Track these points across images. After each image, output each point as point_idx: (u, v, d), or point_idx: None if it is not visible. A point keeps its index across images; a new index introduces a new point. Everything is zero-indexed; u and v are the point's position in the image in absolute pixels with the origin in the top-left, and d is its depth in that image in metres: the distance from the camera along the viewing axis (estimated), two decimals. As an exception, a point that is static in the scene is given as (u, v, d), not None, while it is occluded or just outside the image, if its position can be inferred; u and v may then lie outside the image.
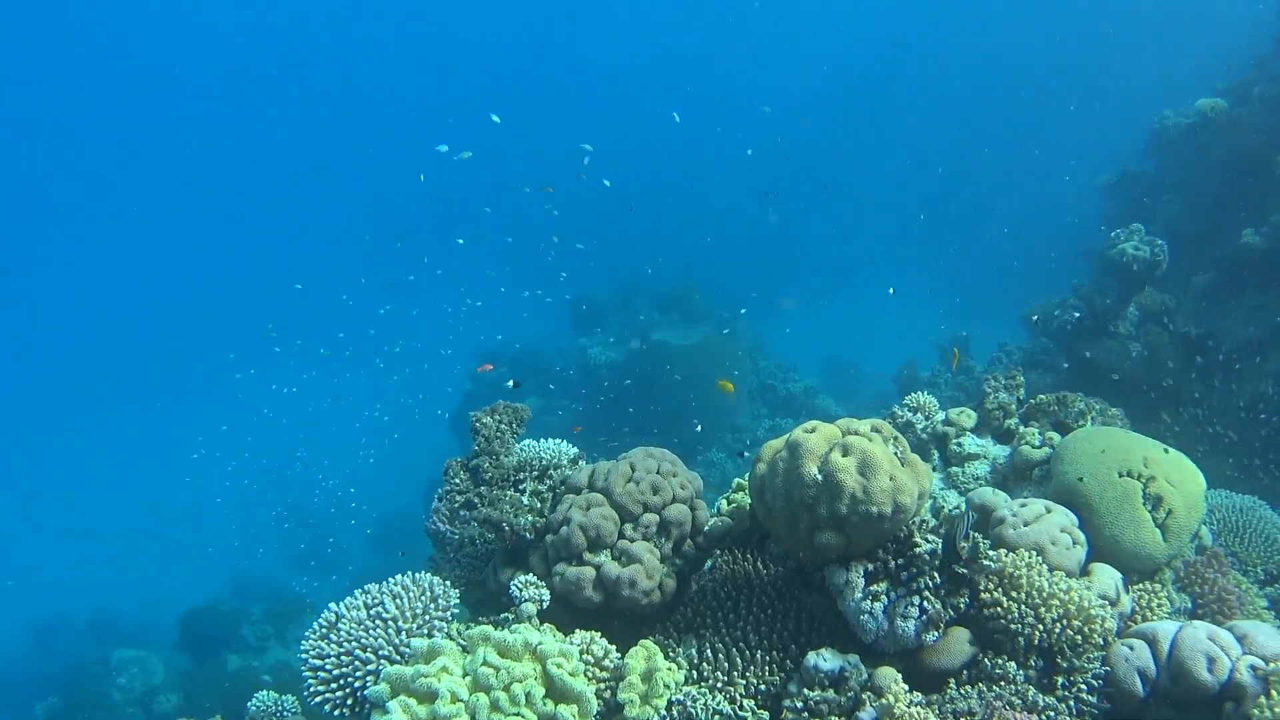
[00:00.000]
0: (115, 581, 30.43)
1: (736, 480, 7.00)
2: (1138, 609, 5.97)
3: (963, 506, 6.62)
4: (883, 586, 5.36)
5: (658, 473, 6.16)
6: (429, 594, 6.03)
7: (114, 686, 20.51)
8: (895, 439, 5.46)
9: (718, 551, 6.49)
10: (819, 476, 5.19)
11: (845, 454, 5.19)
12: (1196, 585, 6.50)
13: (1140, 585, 6.15)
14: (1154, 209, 16.16)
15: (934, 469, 7.61)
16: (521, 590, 5.90)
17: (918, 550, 5.37)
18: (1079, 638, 5.32)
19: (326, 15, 60.29)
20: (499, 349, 25.37)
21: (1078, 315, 13.34)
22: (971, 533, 5.51)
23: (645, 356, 21.80)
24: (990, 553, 5.52)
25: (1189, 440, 11.85)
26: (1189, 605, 6.42)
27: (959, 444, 7.53)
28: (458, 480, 6.57)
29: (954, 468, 7.46)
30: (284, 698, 7.42)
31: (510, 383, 16.76)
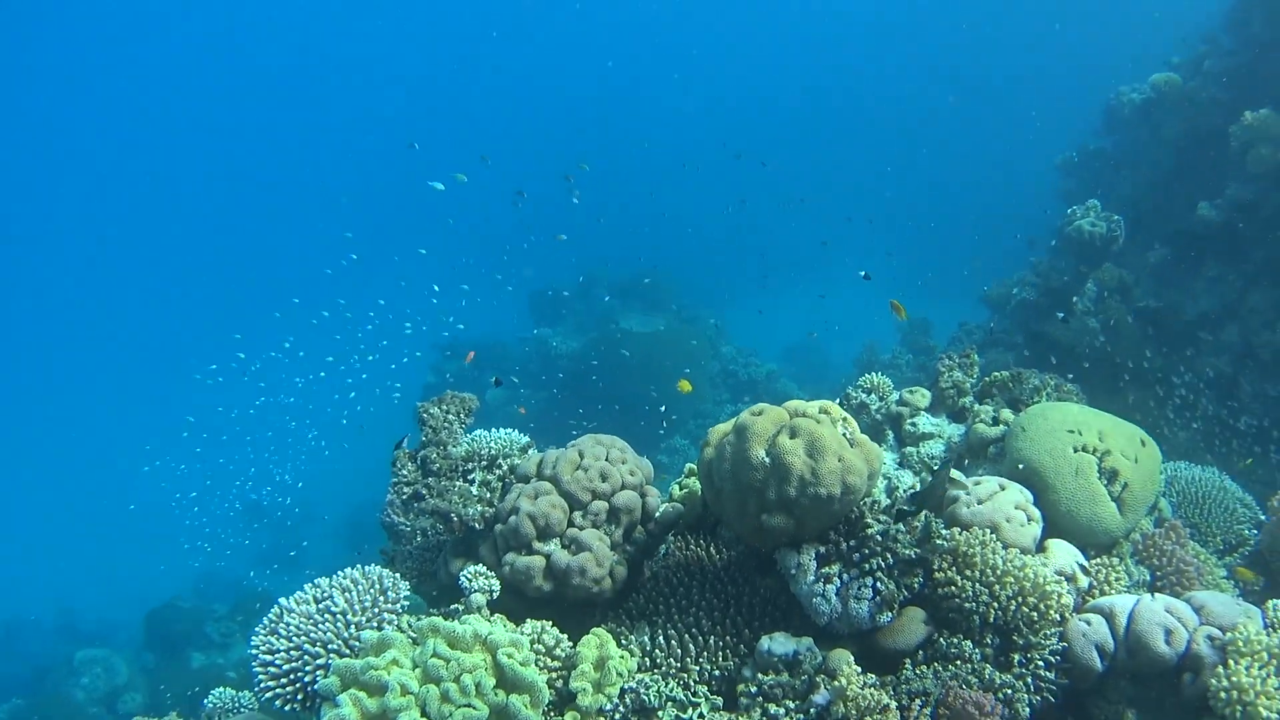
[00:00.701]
0: (79, 581, 30.13)
1: (689, 465, 6.92)
2: (1095, 583, 5.92)
3: (917, 486, 6.56)
4: (835, 569, 5.28)
5: (606, 459, 6.06)
6: (378, 586, 5.91)
7: (78, 686, 20.31)
8: (844, 420, 5.38)
9: (670, 537, 6.41)
10: (766, 460, 5.10)
11: (793, 436, 5.10)
12: (1155, 557, 6.45)
13: (1098, 559, 6.09)
14: (1111, 185, 16.18)
15: (889, 449, 7.54)
16: (471, 581, 5.79)
17: (869, 531, 5.29)
18: (1034, 614, 5.26)
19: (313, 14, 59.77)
20: (460, 340, 25.20)
21: (1035, 296, 13.34)
22: (925, 514, 5.45)
23: (606, 345, 21.73)
24: (944, 532, 5.46)
25: (1149, 412, 11.87)
26: (1147, 577, 6.38)
27: (913, 424, 7.46)
28: (405, 472, 6.45)
29: (909, 448, 7.39)
30: (240, 694, 7.32)
31: (493, 380, 16.63)
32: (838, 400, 7.89)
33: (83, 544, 33.71)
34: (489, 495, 6.32)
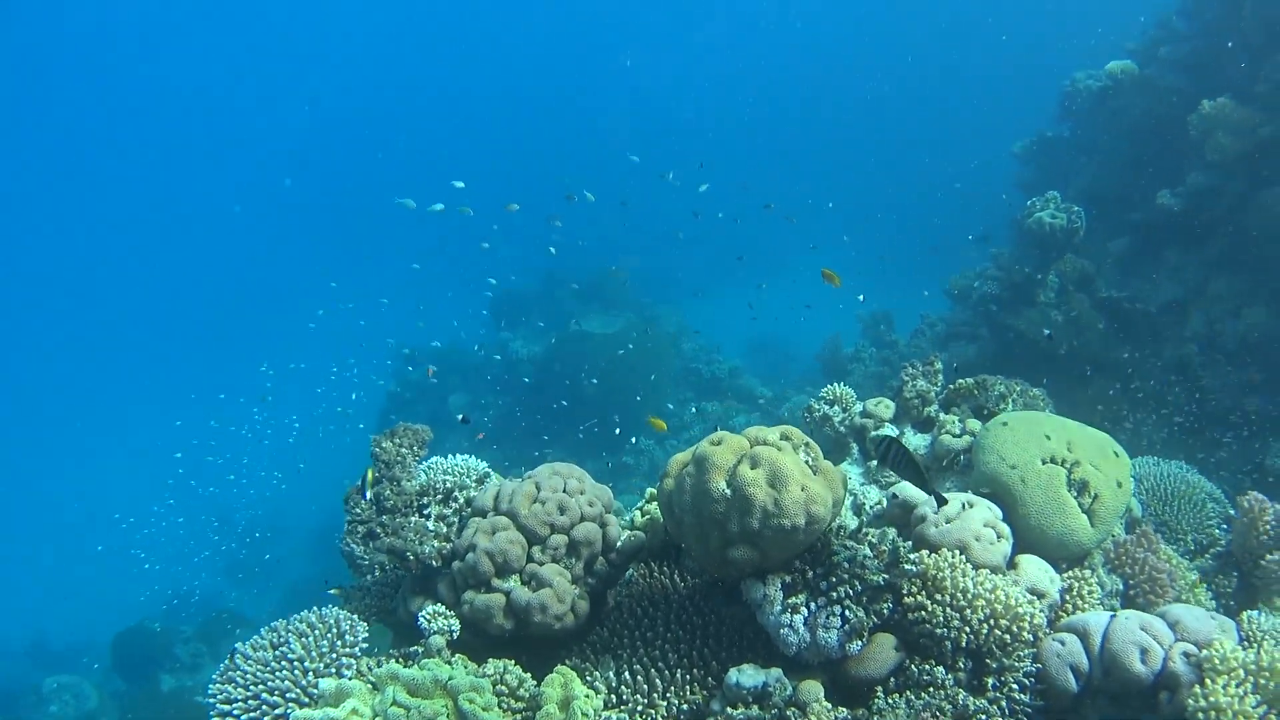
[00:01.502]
0: (48, 605, 29.66)
1: (650, 490, 6.76)
2: (1068, 598, 5.82)
3: (884, 503, 6.42)
4: (802, 598, 5.14)
5: (564, 491, 5.89)
6: (335, 630, 5.73)
7: (46, 715, 19.95)
8: (806, 445, 5.24)
9: (633, 566, 6.25)
10: (728, 491, 4.95)
11: (754, 466, 4.95)
12: (1127, 566, 6.36)
13: (1070, 573, 5.99)
14: (1069, 174, 16.13)
15: (853, 463, 7.41)
16: (430, 622, 5.62)
17: (836, 558, 5.15)
18: (1007, 637, 5.15)
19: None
20: (421, 346, 24.90)
21: (996, 290, 13.25)
22: (892, 538, 5.32)
23: (567, 348, 21.54)
24: (911, 555, 5.33)
25: (1113, 403, 11.82)
26: (1120, 587, 6.29)
27: (878, 437, 7.32)
28: (359, 510, 6.25)
29: (874, 461, 7.26)
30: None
31: (460, 417, 16.34)
32: (803, 412, 7.76)
33: (53, 567, 33.23)
34: (445, 530, 6.13)
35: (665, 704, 5.30)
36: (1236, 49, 12.46)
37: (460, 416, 10.14)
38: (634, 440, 20.02)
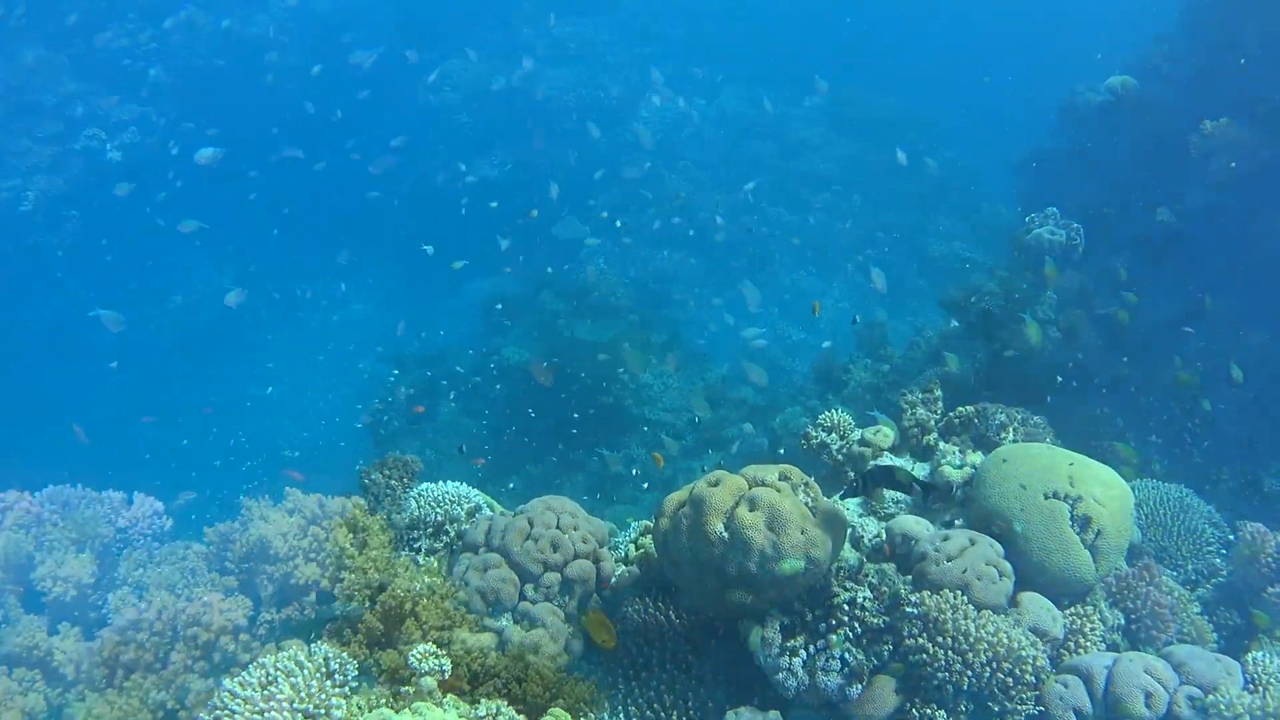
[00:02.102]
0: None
1: (644, 523, 6.62)
2: (1071, 636, 5.71)
3: (883, 535, 6.30)
4: (801, 640, 5.04)
5: (557, 527, 5.77)
6: (324, 669, 5.59)
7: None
8: (806, 485, 5.12)
9: (627, 602, 6.12)
10: (725, 534, 4.84)
11: (753, 508, 4.84)
12: (1129, 599, 6.25)
13: (1072, 609, 5.88)
14: (1067, 188, 16.01)
15: (852, 491, 7.27)
16: (421, 662, 5.49)
17: (836, 600, 5.05)
18: (1010, 680, 5.04)
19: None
20: (411, 354, 24.61)
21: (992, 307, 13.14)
22: (893, 579, 5.21)
23: (558, 354, 21.29)
24: (912, 597, 5.21)
25: (1110, 423, 11.70)
26: (1122, 621, 6.18)
27: (875, 465, 7.18)
28: (346, 545, 6.11)
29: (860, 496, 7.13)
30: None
31: (459, 447, 15.93)
32: (800, 438, 7.63)
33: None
34: (436, 565, 6.00)
35: (660, 747, 5.19)
36: (1237, 69, 12.36)
37: (461, 447, 9.86)
38: (629, 448, 19.79)
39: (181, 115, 15.85)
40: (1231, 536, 7.60)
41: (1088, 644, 5.69)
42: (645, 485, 12.80)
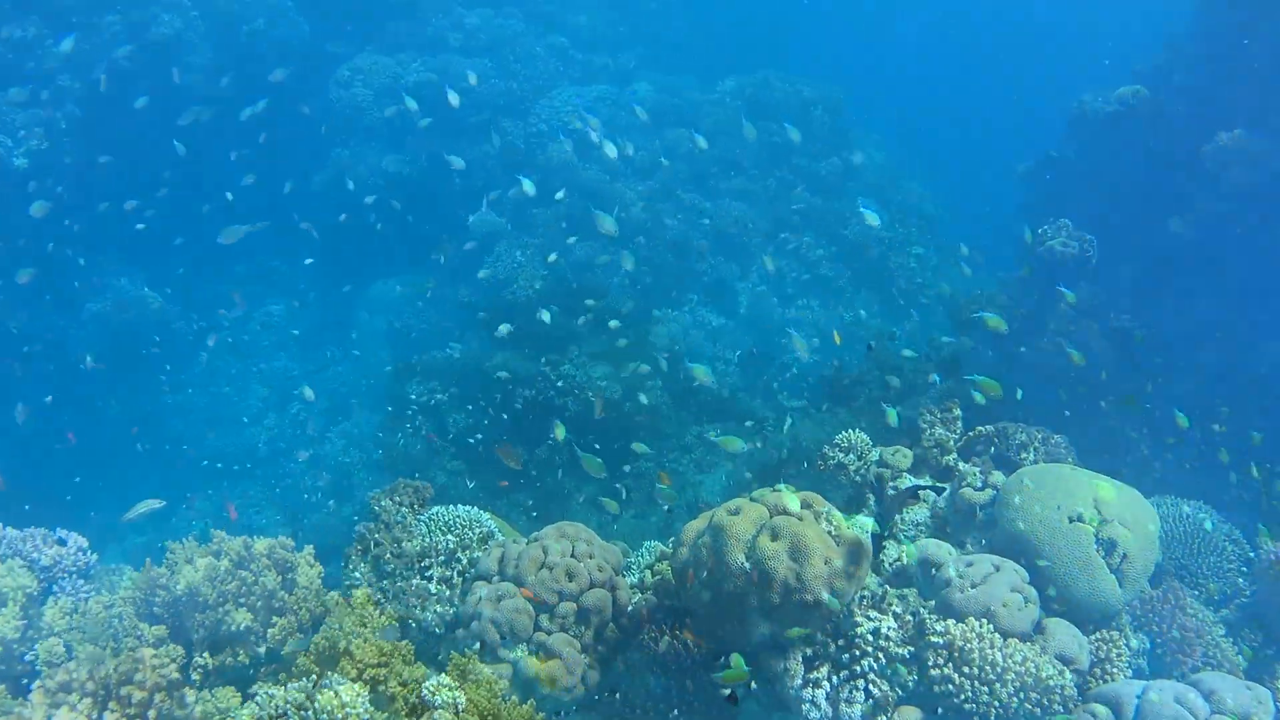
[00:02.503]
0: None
1: (660, 547, 6.49)
2: (1097, 663, 5.59)
3: (904, 559, 6.17)
4: (824, 671, 4.92)
5: (572, 555, 5.64)
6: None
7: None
8: (828, 514, 5.00)
9: (643, 630, 5.98)
10: (747, 565, 4.72)
11: (775, 538, 4.72)
12: (1155, 623, 6.15)
13: (1098, 634, 5.76)
14: (1077, 198, 15.88)
15: (869, 515, 7.14)
16: (434, 695, 5.36)
17: (859, 630, 4.92)
18: (1038, 710, 4.93)
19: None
20: (422, 362, 24.38)
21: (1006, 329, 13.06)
22: (916, 608, 5.09)
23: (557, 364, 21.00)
24: (938, 627, 5.09)
25: (1123, 436, 11.58)
26: (1147, 646, 6.07)
27: (895, 488, 7.04)
28: (358, 574, 5.98)
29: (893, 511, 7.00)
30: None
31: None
32: (817, 460, 7.49)
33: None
34: (449, 593, 5.87)
35: (680, 781, 5.07)
36: (1249, 77, 12.25)
37: (470, 484, 9.53)
38: (638, 461, 19.51)
39: (90, 117, 15.50)
40: (1252, 554, 7.49)
41: (1115, 673, 5.57)
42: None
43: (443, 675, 4.83)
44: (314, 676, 4.91)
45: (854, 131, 14.32)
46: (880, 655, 4.88)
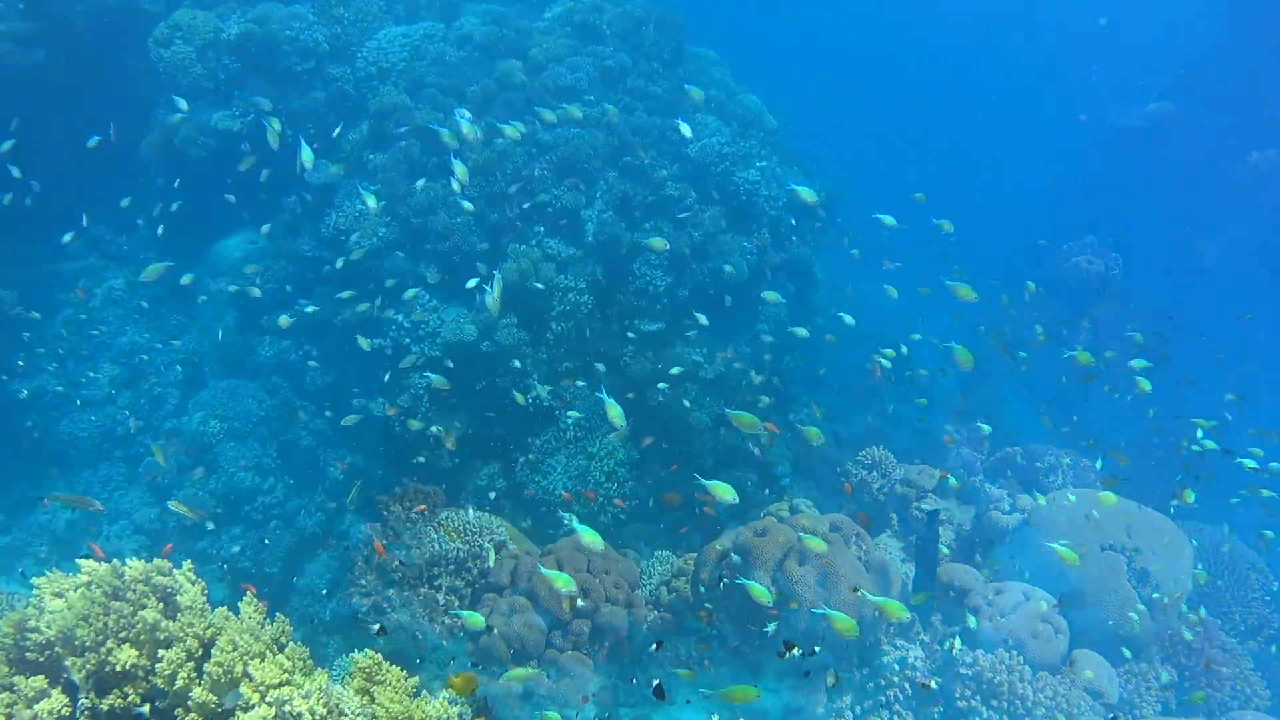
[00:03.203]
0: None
1: (675, 561, 6.26)
2: (1126, 698, 5.39)
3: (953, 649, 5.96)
4: (848, 700, 4.72)
5: (588, 570, 5.43)
6: (337, 712, 5.28)
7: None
8: (858, 537, 4.80)
9: (659, 648, 5.78)
10: (773, 589, 4.52)
11: (802, 563, 4.52)
12: (1183, 656, 5.95)
13: (1126, 667, 5.56)
14: (1102, 213, 15.70)
15: (893, 535, 6.93)
16: (442, 712, 5.18)
17: (885, 659, 4.73)
18: (1068, 747, 4.72)
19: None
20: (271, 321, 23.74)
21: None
22: (945, 638, 4.90)
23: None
24: (966, 657, 4.89)
25: (1148, 457, 11.39)
26: (1176, 679, 5.87)
27: (919, 509, 6.82)
28: (363, 582, 5.77)
29: (915, 536, 6.78)
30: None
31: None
32: (839, 475, 7.28)
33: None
34: (457, 604, 5.66)
35: (694, 809, 4.88)
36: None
37: (492, 495, 8.96)
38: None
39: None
40: (1276, 586, 7.34)
41: (1145, 707, 5.39)
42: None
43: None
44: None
45: (689, 48, 14.08)
46: (907, 685, 4.68)
